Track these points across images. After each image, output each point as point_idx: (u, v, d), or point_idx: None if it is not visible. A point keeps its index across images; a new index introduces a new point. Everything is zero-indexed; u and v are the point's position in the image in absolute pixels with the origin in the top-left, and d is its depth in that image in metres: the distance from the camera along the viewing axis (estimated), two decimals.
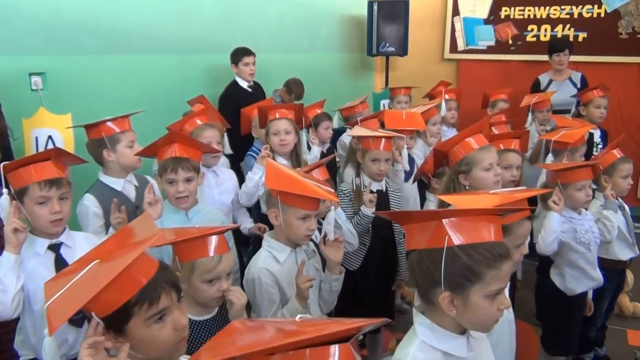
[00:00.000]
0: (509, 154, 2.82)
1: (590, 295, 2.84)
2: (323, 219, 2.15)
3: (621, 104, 5.39)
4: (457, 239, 1.22)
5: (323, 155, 3.73)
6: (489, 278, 1.21)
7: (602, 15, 5.52)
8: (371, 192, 2.60)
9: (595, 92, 4.18)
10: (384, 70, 6.31)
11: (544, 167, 3.12)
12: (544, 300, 2.89)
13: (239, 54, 4.58)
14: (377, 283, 2.72)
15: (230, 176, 2.99)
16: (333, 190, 1.95)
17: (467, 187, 2.23)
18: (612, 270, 2.96)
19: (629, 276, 3.46)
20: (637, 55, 5.43)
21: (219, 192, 2.85)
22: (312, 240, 2.13)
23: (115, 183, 2.55)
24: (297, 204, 1.89)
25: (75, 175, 2.18)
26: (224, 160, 3.13)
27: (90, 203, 2.45)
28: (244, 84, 4.67)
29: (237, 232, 2.94)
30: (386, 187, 2.78)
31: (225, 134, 3.09)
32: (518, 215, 1.60)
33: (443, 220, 1.23)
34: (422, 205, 3.36)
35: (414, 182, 3.42)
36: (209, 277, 1.62)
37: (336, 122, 4.28)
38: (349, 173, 2.98)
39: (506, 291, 1.51)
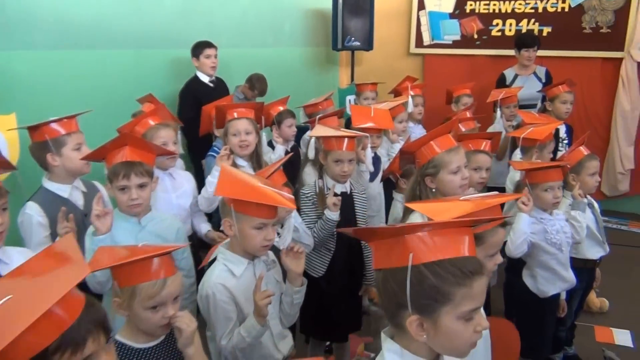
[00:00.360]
0: (479, 155, 2.75)
1: (563, 296, 2.80)
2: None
3: (585, 98, 5.42)
4: (422, 256, 1.10)
5: (287, 154, 3.60)
6: (460, 298, 1.09)
7: (567, 9, 5.53)
8: (335, 194, 2.48)
9: (561, 87, 4.17)
10: (349, 65, 6.21)
11: (515, 167, 3.08)
12: (514, 300, 2.83)
13: (200, 47, 4.44)
14: (343, 289, 2.61)
15: (188, 178, 2.83)
16: (292, 196, 1.82)
17: (433, 190, 2.13)
18: (582, 269, 2.92)
19: (598, 273, 3.43)
20: (600, 50, 5.46)
21: (176, 196, 2.69)
22: (273, 247, 2.00)
23: (61, 189, 2.36)
24: (252, 212, 1.75)
25: (12, 182, 2.00)
26: (179, 162, 2.96)
27: (34, 212, 2.26)
28: (205, 79, 4.52)
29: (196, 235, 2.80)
30: (351, 189, 2.66)
31: (180, 132, 2.92)
32: (491, 223, 1.50)
33: (406, 235, 1.12)
34: (388, 206, 3.28)
35: (381, 181, 3.33)
36: (153, 304, 1.45)
37: (301, 119, 4.15)
38: (308, 172, 2.86)
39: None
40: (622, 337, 3.55)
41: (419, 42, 6.19)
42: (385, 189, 3.37)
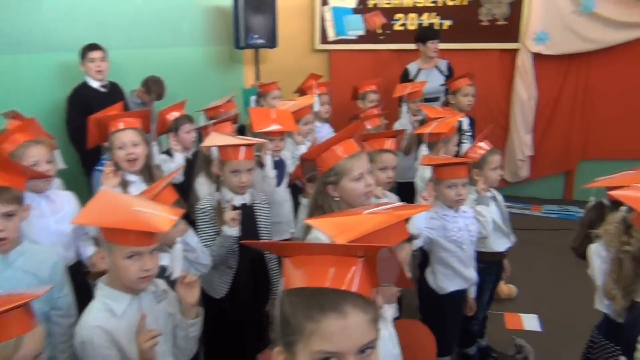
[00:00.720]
0: (384, 155, 2.69)
1: (472, 294, 2.79)
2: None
3: (485, 90, 5.52)
4: (290, 282, 1.01)
5: (189, 162, 3.38)
6: (309, 333, 0.96)
7: (465, 3, 5.64)
8: (234, 208, 2.31)
9: (462, 80, 4.23)
10: (254, 64, 6.01)
11: (422, 164, 3.08)
12: (422, 297, 2.81)
13: (85, 50, 4.10)
14: (248, 308, 2.44)
15: (68, 199, 2.49)
16: (173, 218, 1.61)
17: (336, 199, 2.02)
18: (491, 262, 2.95)
19: (506, 264, 3.49)
20: (498, 42, 5.63)
21: (55, 221, 2.36)
22: (163, 272, 1.81)
23: None
24: (122, 239, 1.54)
25: None
26: (57, 182, 2.65)
27: None
28: (95, 84, 4.17)
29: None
30: (251, 200, 2.50)
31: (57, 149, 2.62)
32: (396, 239, 1.38)
33: (284, 258, 1.03)
34: (296, 211, 3.15)
35: (288, 186, 3.20)
36: None
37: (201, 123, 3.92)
38: (201, 182, 2.67)
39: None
40: (530, 322, 3.64)
41: (324, 38, 6.11)
42: (294, 193, 3.25)
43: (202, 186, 2.62)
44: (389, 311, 1.54)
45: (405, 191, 3.59)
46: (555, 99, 5.67)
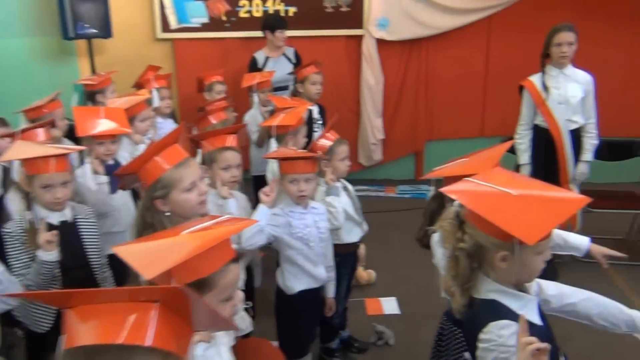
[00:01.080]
0: (226, 153, 2.52)
1: (330, 294, 2.72)
2: None
3: (334, 76, 5.56)
4: (74, 339, 0.85)
5: (6, 171, 2.92)
6: None
7: None
8: (51, 227, 1.99)
9: (309, 68, 4.18)
10: (89, 56, 5.44)
11: (264, 157, 2.98)
12: (275, 298, 2.71)
13: None
14: None
15: None
16: None
17: (167, 214, 1.79)
18: (346, 254, 2.93)
19: (361, 251, 3.50)
20: (343, 28, 5.66)
21: None
22: None
23: None
24: None
25: None
26: None
27: None
28: None
29: None
30: (73, 215, 2.17)
31: None
32: (219, 262, 1.21)
33: (67, 310, 0.86)
34: None
35: (125, 189, 2.89)
36: None
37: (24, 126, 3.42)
38: (12, 199, 2.30)
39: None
40: (389, 305, 3.71)
41: (166, 27, 5.69)
42: (135, 197, 2.95)
43: (14, 203, 2.24)
44: (225, 338, 1.37)
45: (262, 185, 3.47)
46: (401, 83, 5.87)
